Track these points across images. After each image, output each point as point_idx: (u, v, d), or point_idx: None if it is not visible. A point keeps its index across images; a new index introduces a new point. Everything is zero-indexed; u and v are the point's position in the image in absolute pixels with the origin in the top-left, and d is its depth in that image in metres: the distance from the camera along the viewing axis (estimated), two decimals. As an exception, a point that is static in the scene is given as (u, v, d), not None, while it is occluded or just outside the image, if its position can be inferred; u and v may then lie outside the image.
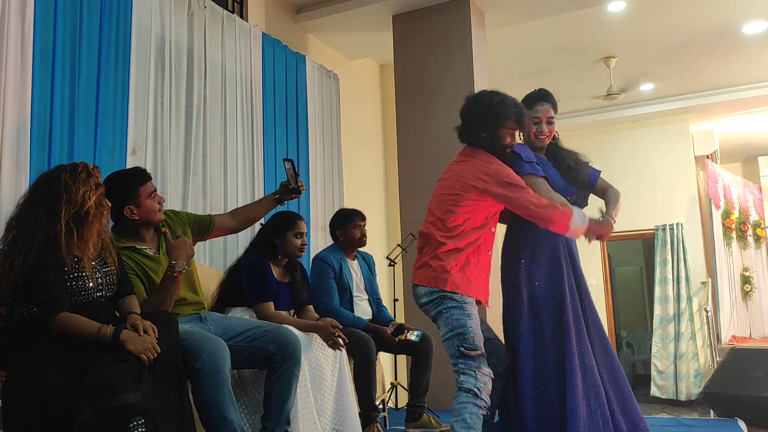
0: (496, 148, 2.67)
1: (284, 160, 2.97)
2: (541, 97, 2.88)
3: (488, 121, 2.63)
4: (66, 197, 2.15)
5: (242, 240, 3.85)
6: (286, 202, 3.06)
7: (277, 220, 3.32)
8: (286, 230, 3.24)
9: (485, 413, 2.54)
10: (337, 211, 3.97)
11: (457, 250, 2.60)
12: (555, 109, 2.89)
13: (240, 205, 3.60)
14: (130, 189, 2.55)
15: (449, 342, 2.58)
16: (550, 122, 2.85)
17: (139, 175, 2.61)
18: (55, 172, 2.23)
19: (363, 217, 3.85)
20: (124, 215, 2.54)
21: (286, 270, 3.31)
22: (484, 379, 2.52)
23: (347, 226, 3.78)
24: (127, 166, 3.29)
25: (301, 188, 2.94)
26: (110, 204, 2.31)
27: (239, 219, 2.97)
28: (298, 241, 3.24)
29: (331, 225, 3.88)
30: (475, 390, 2.50)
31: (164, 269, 2.55)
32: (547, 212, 2.52)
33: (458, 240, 2.60)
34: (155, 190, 2.61)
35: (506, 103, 2.64)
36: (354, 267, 3.81)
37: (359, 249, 3.89)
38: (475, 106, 2.69)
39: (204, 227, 2.84)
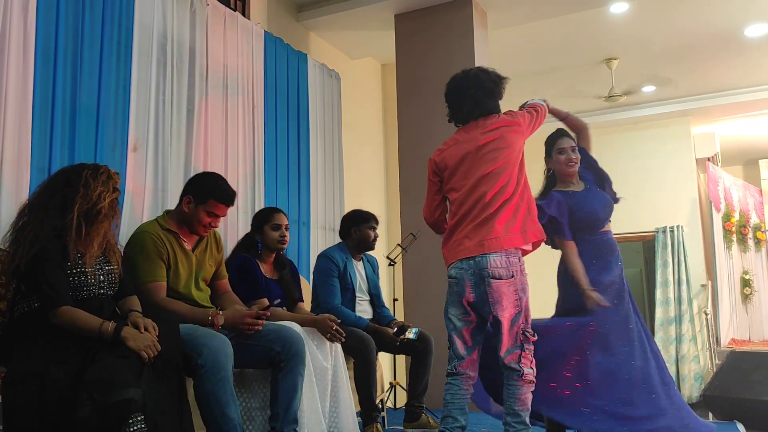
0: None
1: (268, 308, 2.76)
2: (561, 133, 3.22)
3: (500, 92, 2.79)
4: (83, 192, 2.19)
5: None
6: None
7: (256, 217, 3.35)
8: (263, 224, 3.27)
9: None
10: (354, 210, 3.96)
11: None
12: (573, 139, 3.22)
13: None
14: (204, 192, 2.64)
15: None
16: (573, 151, 3.16)
17: (222, 193, 2.68)
18: (77, 168, 2.29)
19: (377, 222, 3.87)
20: (182, 202, 2.66)
21: (274, 267, 3.31)
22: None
23: (363, 225, 3.79)
24: (128, 163, 3.31)
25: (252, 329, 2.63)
26: (119, 212, 2.37)
27: (217, 298, 2.83)
28: (276, 233, 3.26)
29: (346, 221, 3.88)
30: (534, 379, 2.57)
31: (193, 265, 2.66)
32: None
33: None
34: (219, 216, 2.68)
35: (481, 72, 2.85)
36: (358, 268, 3.82)
37: (366, 252, 3.90)
38: (488, 79, 2.79)
39: (215, 276, 2.85)
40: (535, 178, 3.06)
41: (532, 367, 2.56)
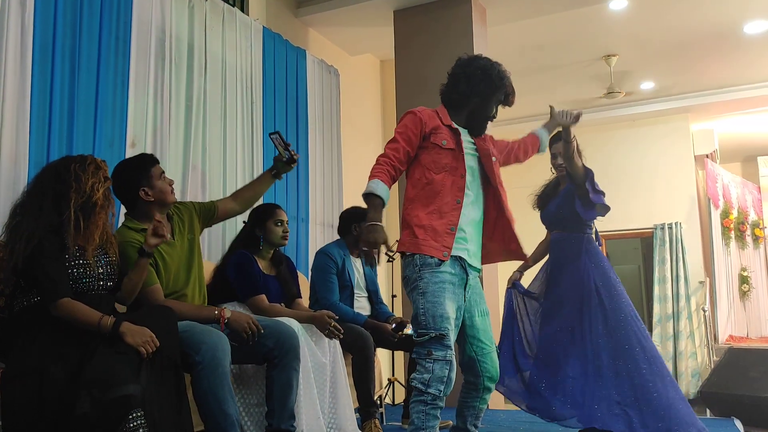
0: (479, 116, 2.61)
1: (270, 134, 2.93)
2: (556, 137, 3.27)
3: (481, 83, 2.53)
4: (75, 186, 2.18)
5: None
6: (283, 175, 3.09)
7: (256, 213, 3.33)
8: (265, 220, 3.25)
9: (441, 405, 2.35)
10: (354, 207, 3.93)
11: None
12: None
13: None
14: (142, 171, 2.58)
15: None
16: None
17: (148, 158, 2.65)
18: (64, 162, 2.25)
19: None
20: (139, 198, 2.57)
21: (272, 263, 3.31)
22: (432, 368, 2.32)
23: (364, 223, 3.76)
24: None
25: (294, 157, 2.94)
26: (113, 201, 2.34)
27: (241, 200, 2.97)
28: (279, 229, 3.25)
29: (346, 218, 3.85)
30: (420, 386, 2.34)
31: (177, 252, 2.60)
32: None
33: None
34: (164, 172, 2.65)
35: (503, 73, 2.57)
36: (356, 264, 3.81)
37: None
38: (470, 66, 2.57)
39: (209, 214, 2.85)
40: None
41: (416, 375, 2.35)
